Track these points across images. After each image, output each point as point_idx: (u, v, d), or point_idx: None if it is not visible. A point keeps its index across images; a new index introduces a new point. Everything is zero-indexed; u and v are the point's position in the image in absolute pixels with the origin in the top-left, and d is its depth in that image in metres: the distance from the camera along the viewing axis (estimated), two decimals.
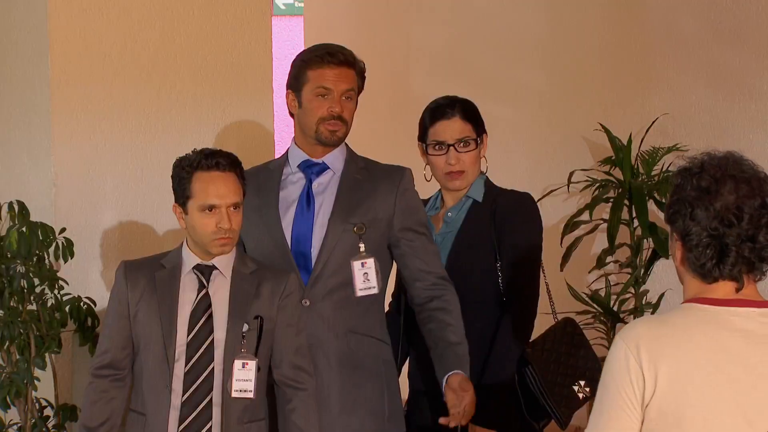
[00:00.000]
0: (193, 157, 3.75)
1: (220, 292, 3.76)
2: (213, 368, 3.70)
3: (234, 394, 3.70)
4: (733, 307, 2.63)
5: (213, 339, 3.71)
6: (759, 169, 2.68)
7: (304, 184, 4.06)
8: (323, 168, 4.07)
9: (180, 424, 3.68)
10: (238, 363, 3.71)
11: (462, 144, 4.05)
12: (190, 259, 3.78)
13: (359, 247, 3.98)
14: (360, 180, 4.06)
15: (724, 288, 2.65)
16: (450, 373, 3.89)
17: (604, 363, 2.66)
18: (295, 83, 4.06)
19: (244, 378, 3.72)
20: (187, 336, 3.70)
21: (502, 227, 3.98)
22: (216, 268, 3.77)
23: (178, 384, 3.69)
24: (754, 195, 2.63)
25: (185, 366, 3.69)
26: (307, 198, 4.04)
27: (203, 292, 3.74)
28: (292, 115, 4.12)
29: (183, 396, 3.69)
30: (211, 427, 3.69)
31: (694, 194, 2.64)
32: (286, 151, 4.14)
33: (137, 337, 3.76)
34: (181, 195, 3.74)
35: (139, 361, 3.77)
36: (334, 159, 4.08)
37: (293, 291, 3.82)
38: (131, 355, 3.80)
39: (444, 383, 3.87)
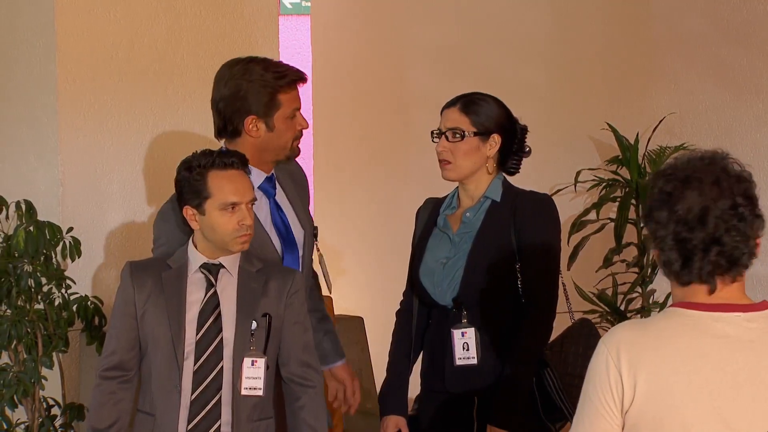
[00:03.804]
0: (203, 157, 3.71)
1: (227, 290, 3.75)
2: (222, 367, 3.69)
3: (243, 392, 3.70)
4: (716, 312, 2.60)
5: (222, 337, 3.70)
6: (738, 169, 2.63)
7: (268, 201, 4.07)
8: (275, 182, 4.11)
9: (189, 423, 3.68)
10: (247, 361, 3.71)
11: (452, 134, 4.02)
12: (197, 258, 3.77)
13: (315, 246, 4.16)
14: (287, 186, 4.15)
15: (704, 291, 2.61)
16: None
17: (588, 366, 2.64)
18: (263, 109, 3.97)
19: (254, 376, 3.72)
20: (196, 335, 3.69)
21: (522, 228, 3.97)
22: (223, 267, 3.76)
23: (187, 383, 3.68)
24: (722, 196, 2.58)
25: (194, 365, 3.68)
26: (280, 218, 4.08)
27: (212, 290, 3.74)
28: (234, 132, 3.98)
29: (192, 395, 3.68)
30: (220, 425, 3.69)
31: (660, 198, 2.61)
32: None
33: (145, 338, 3.75)
34: (196, 196, 3.69)
35: (146, 361, 3.76)
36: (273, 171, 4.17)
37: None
38: (138, 355, 3.78)
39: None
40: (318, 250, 4.20)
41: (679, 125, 5.94)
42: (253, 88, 3.99)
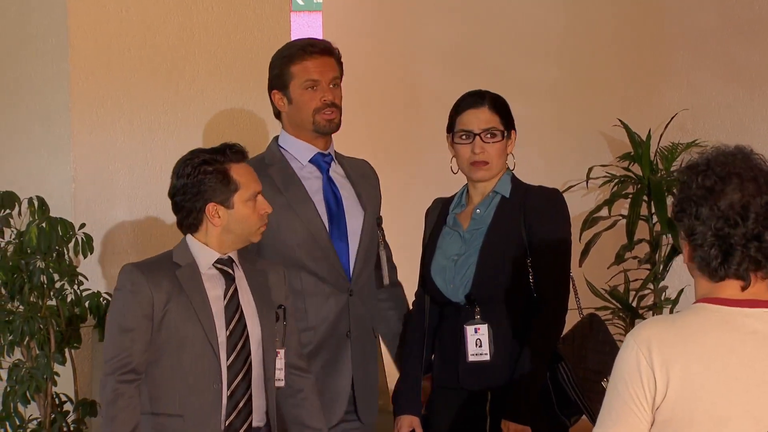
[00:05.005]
0: (215, 154, 3.69)
1: (240, 284, 3.74)
2: (250, 361, 3.69)
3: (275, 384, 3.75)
4: (745, 308, 2.59)
5: (247, 332, 3.70)
6: (764, 164, 2.63)
7: (321, 176, 4.14)
8: (331, 159, 4.19)
9: (227, 418, 3.67)
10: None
11: (488, 134, 4.02)
12: (208, 254, 3.72)
13: (378, 235, 4.19)
14: (354, 174, 4.23)
15: (734, 286, 2.62)
16: None
17: (615, 362, 2.62)
18: (279, 82, 4.11)
19: (279, 367, 3.75)
20: (226, 330, 3.68)
21: (533, 223, 3.97)
22: (234, 261, 3.76)
23: (224, 380, 3.67)
24: (761, 192, 2.58)
25: (227, 360, 3.67)
26: (332, 190, 4.14)
27: (233, 286, 3.73)
28: (277, 115, 4.18)
29: (228, 391, 3.67)
30: (251, 420, 3.69)
31: (699, 193, 2.60)
32: (277, 147, 4.18)
33: (167, 338, 3.66)
34: (223, 191, 3.67)
35: (166, 362, 3.67)
36: (331, 151, 4.22)
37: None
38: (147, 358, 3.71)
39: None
40: (382, 239, 4.23)
41: (691, 122, 5.94)
42: (272, 64, 4.16)
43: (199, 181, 3.67)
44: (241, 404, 3.67)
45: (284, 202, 4.05)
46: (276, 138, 4.21)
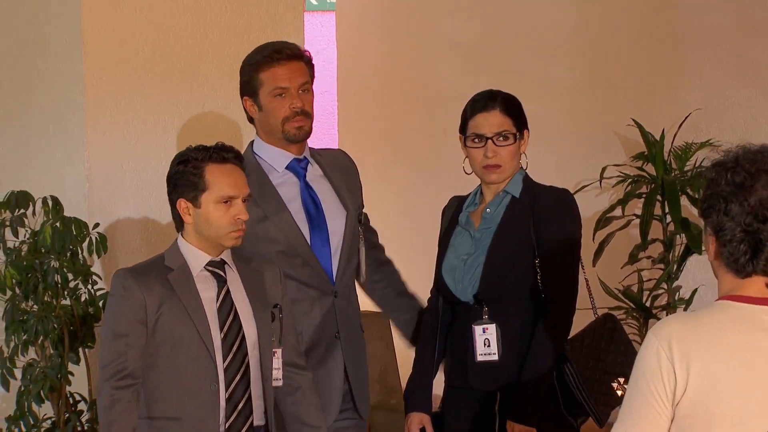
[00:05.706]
0: (200, 151, 3.69)
1: (234, 286, 3.74)
2: (248, 362, 3.70)
3: (273, 384, 3.74)
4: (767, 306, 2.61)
5: (243, 332, 3.70)
6: None
7: (298, 182, 4.12)
8: (307, 163, 4.15)
9: (227, 420, 3.67)
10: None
11: (500, 138, 4.01)
12: (199, 256, 3.72)
13: (359, 232, 4.17)
14: (332, 170, 4.19)
15: (758, 284, 2.62)
16: None
17: (636, 359, 2.63)
18: (249, 88, 4.09)
19: (276, 367, 3.76)
20: (221, 332, 3.68)
21: (541, 223, 3.97)
22: (226, 263, 3.76)
23: (221, 381, 3.67)
24: None
25: (224, 362, 3.67)
26: (310, 196, 4.12)
27: (225, 288, 3.72)
28: (251, 120, 4.16)
29: (226, 393, 3.67)
30: (252, 420, 3.70)
31: (728, 189, 2.61)
32: (252, 154, 4.15)
33: (162, 341, 3.65)
34: (192, 188, 3.67)
35: (160, 366, 3.67)
36: (306, 154, 4.18)
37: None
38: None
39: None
40: (363, 235, 4.21)
41: (705, 121, 5.93)
42: (242, 70, 4.13)
43: (175, 174, 3.71)
44: (240, 405, 3.67)
45: (261, 213, 4.03)
46: (251, 144, 4.18)
